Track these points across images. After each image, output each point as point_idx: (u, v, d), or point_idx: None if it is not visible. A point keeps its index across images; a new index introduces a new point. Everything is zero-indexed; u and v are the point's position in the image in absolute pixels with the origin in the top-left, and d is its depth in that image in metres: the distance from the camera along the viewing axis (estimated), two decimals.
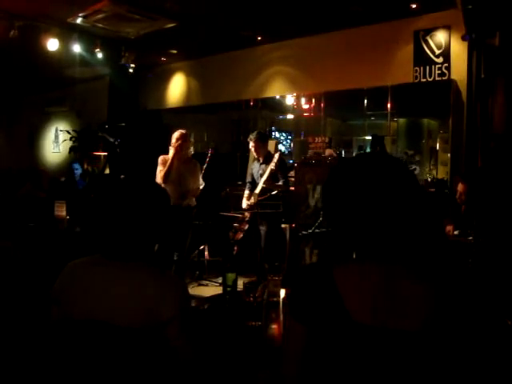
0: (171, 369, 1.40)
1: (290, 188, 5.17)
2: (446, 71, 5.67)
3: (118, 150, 8.15)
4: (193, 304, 2.25)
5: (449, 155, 5.87)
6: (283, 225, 5.17)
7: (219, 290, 2.39)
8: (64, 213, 4.47)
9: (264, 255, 4.88)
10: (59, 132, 10.58)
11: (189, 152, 4.85)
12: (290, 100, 7.79)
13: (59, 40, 6.66)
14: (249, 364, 1.71)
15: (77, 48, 6.96)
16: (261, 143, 5.11)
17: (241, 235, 5.02)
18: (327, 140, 7.05)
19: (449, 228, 4.01)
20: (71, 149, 9.19)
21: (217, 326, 2.06)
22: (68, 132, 9.39)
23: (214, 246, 5.62)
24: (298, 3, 5.59)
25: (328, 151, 6.66)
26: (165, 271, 1.51)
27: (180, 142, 4.55)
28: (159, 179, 4.49)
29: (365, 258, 1.05)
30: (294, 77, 7.14)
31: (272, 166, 4.70)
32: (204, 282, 5.20)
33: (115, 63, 7.80)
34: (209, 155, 5.37)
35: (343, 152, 7.71)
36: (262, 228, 4.98)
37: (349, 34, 6.42)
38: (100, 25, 6.52)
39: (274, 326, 1.78)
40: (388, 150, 6.81)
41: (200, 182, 4.89)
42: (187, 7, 5.88)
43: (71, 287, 1.44)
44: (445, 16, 5.60)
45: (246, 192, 5.19)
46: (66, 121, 10.53)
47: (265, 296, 1.87)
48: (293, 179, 5.38)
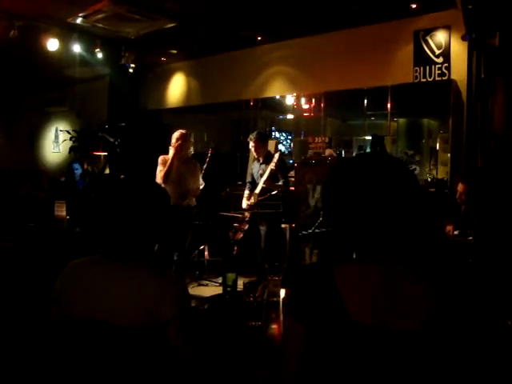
0: (171, 369, 1.40)
1: (290, 188, 5.17)
2: (446, 71, 5.67)
3: (118, 150, 8.15)
4: (193, 304, 2.25)
5: (449, 155, 5.87)
6: (283, 225, 5.17)
7: (219, 290, 2.39)
8: (64, 213, 4.47)
9: (264, 255, 4.87)
10: (59, 132, 10.58)
11: (189, 152, 4.86)
12: (290, 100, 7.79)
13: (59, 40, 6.66)
14: (249, 364, 1.71)
15: (77, 48, 6.96)
16: (261, 143, 5.11)
17: (241, 235, 5.02)
18: (327, 140, 7.06)
19: (449, 228, 4.01)
20: (71, 149, 9.19)
21: (217, 326, 2.06)
22: (68, 132, 9.39)
23: (214, 246, 5.62)
24: (298, 3, 5.59)
25: (328, 151, 6.67)
26: (165, 271, 1.51)
27: (180, 142, 4.55)
28: (159, 179, 4.48)
29: (365, 258, 1.05)
30: (294, 77, 7.14)
31: (272, 166, 4.70)
32: (204, 282, 5.20)
33: (115, 63, 7.80)
34: (209, 155, 5.37)
35: (343, 152, 7.71)
36: (262, 228, 4.98)
37: (349, 34, 6.42)
38: (100, 25, 6.52)
39: (274, 326, 1.78)
40: (388, 150, 6.81)
41: (200, 182, 4.89)
42: (187, 7, 5.88)
43: (71, 287, 1.44)
44: (445, 16, 5.60)
45: (246, 192, 5.19)
46: (66, 121, 10.53)
47: (265, 296, 1.87)
48: (293, 179, 5.38)
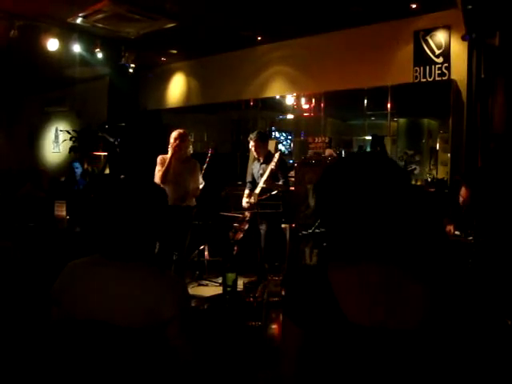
0: (171, 369, 1.40)
1: (290, 188, 5.17)
2: (446, 71, 5.67)
3: (118, 150, 8.15)
4: (193, 304, 2.25)
5: (449, 155, 5.87)
6: (283, 225, 5.17)
7: (219, 290, 2.39)
8: (64, 213, 4.47)
9: (264, 255, 4.87)
10: (59, 132, 10.58)
11: (188, 151, 4.84)
12: (290, 100, 7.79)
13: (59, 40, 6.66)
14: (249, 364, 1.71)
15: (77, 48, 6.96)
16: (261, 143, 5.11)
17: (241, 235, 5.02)
18: (327, 140, 7.06)
19: (449, 228, 4.01)
20: (71, 149, 9.19)
21: (217, 326, 2.06)
22: (68, 132, 9.38)
23: (214, 246, 5.62)
24: (298, 3, 5.59)
25: (328, 151, 6.67)
26: (165, 271, 1.51)
27: (178, 142, 4.53)
28: (157, 179, 4.47)
29: (361, 259, 1.04)
30: (294, 77, 7.14)
31: (272, 166, 4.70)
32: (204, 282, 5.20)
33: (115, 63, 7.80)
34: (209, 155, 5.36)
35: (343, 152, 7.70)
36: (262, 228, 4.97)
37: (349, 34, 6.42)
38: (100, 25, 6.52)
39: (274, 326, 1.78)
40: (388, 150, 6.81)
41: (200, 182, 4.88)
42: (187, 7, 5.88)
43: (71, 287, 1.44)
44: (445, 16, 5.60)
45: (246, 191, 5.18)
46: (66, 121, 10.53)
47: (265, 296, 1.87)
48: (293, 179, 5.38)
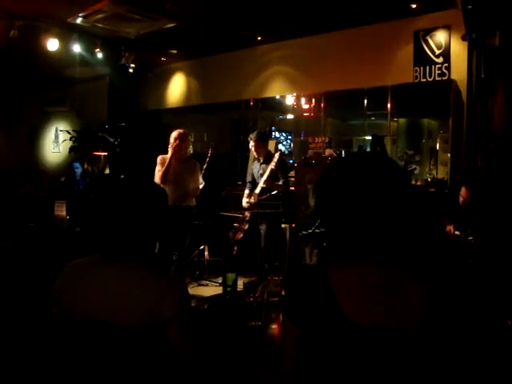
0: (171, 369, 1.40)
1: (290, 188, 5.17)
2: (446, 71, 5.67)
3: (118, 150, 8.15)
4: (193, 304, 2.25)
5: (449, 155, 5.87)
6: (283, 225, 5.16)
7: (219, 290, 2.39)
8: (64, 213, 4.47)
9: (264, 255, 4.87)
10: (59, 132, 10.58)
11: (188, 151, 4.83)
12: (290, 100, 7.79)
13: (59, 40, 6.66)
14: (249, 364, 1.71)
15: (77, 48, 6.96)
16: (261, 143, 5.11)
17: (241, 235, 5.02)
18: (327, 140, 7.06)
19: (449, 228, 4.01)
20: (71, 149, 9.19)
21: (217, 326, 2.06)
22: (68, 132, 9.38)
23: (214, 246, 5.62)
24: (298, 3, 5.59)
25: (328, 151, 6.67)
26: (165, 271, 1.51)
27: (178, 142, 4.52)
28: (157, 179, 4.46)
29: (361, 259, 1.04)
30: (294, 77, 7.14)
31: (272, 166, 4.70)
32: (204, 282, 5.20)
33: (115, 63, 7.80)
34: (209, 155, 5.36)
35: (343, 152, 7.70)
36: (262, 228, 4.97)
37: (349, 34, 6.42)
38: (100, 25, 6.52)
39: (274, 326, 1.78)
40: (388, 150, 6.81)
41: (200, 181, 4.88)
42: (187, 7, 5.88)
43: (71, 287, 1.44)
44: (445, 16, 5.60)
45: (246, 191, 5.19)
46: (66, 121, 10.53)
47: (265, 296, 1.87)
48: (293, 179, 5.38)
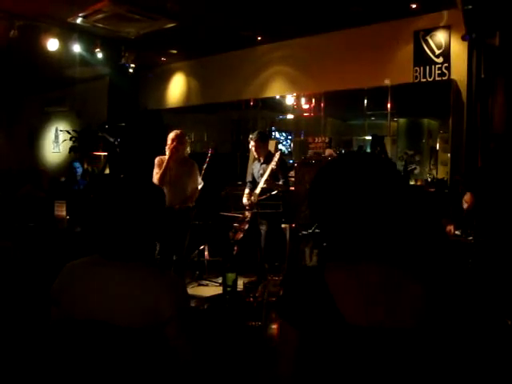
0: (171, 369, 1.40)
1: (290, 188, 5.17)
2: (446, 71, 5.67)
3: (118, 150, 8.15)
4: (193, 304, 2.26)
5: (449, 155, 5.87)
6: (283, 225, 5.16)
7: (219, 290, 2.40)
8: (64, 213, 4.47)
9: (264, 255, 4.87)
10: (59, 132, 10.57)
11: (185, 152, 4.80)
12: (290, 100, 7.78)
13: (59, 40, 6.66)
14: (249, 364, 1.71)
15: (77, 48, 6.97)
16: (261, 143, 5.11)
17: (241, 235, 5.01)
18: (327, 140, 7.05)
19: (449, 228, 4.01)
20: (71, 149, 9.19)
21: (217, 326, 2.06)
22: (68, 132, 9.38)
23: (214, 246, 5.61)
24: (298, 3, 5.58)
25: (328, 151, 6.66)
26: (164, 271, 1.51)
27: (175, 144, 4.50)
28: (155, 181, 4.44)
29: (360, 259, 1.03)
30: (294, 77, 7.14)
31: (273, 165, 4.70)
32: (204, 282, 5.20)
33: (115, 63, 7.81)
34: (209, 155, 5.35)
35: (343, 152, 7.70)
36: (262, 228, 4.97)
37: (349, 34, 6.42)
38: (100, 25, 6.52)
39: (274, 326, 1.78)
40: (388, 150, 6.80)
41: (199, 182, 4.87)
42: (187, 7, 5.88)
43: (70, 288, 1.44)
44: (445, 16, 5.60)
45: (247, 191, 5.18)
46: (66, 121, 10.52)
47: (265, 296, 1.87)
48: (293, 179, 5.38)
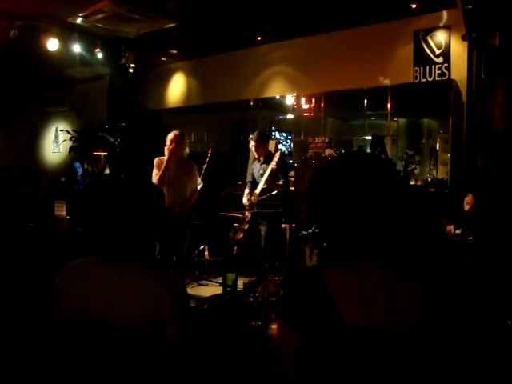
0: (171, 369, 1.40)
1: (290, 188, 5.17)
2: (446, 71, 5.67)
3: (118, 150, 8.15)
4: (193, 304, 2.26)
5: (449, 155, 5.87)
6: (283, 225, 5.16)
7: (219, 290, 2.40)
8: (64, 213, 4.47)
9: (264, 255, 4.87)
10: (59, 132, 10.57)
11: (185, 153, 4.79)
12: (290, 100, 7.79)
13: (59, 40, 6.67)
14: (249, 364, 1.71)
15: (77, 48, 6.97)
16: (262, 143, 5.11)
17: (241, 235, 5.01)
18: (327, 140, 7.04)
19: (449, 227, 4.01)
20: (71, 149, 9.18)
21: (217, 326, 2.06)
22: (68, 132, 9.38)
23: (214, 246, 5.61)
24: (298, 3, 5.58)
25: (328, 151, 6.64)
26: (164, 271, 1.52)
27: (174, 145, 4.50)
28: (154, 182, 4.42)
29: (360, 259, 1.03)
30: (294, 77, 7.14)
31: (273, 165, 4.70)
32: (204, 282, 5.19)
33: (115, 63, 7.81)
34: (209, 155, 5.35)
35: (343, 152, 7.70)
36: (262, 228, 4.97)
37: (349, 34, 6.42)
38: (100, 25, 6.52)
39: (274, 326, 1.78)
40: (388, 150, 6.80)
41: (198, 182, 4.87)
42: (187, 7, 5.88)
43: (70, 288, 1.44)
44: (445, 16, 5.61)
45: (247, 190, 5.18)
46: (66, 121, 10.52)
47: (265, 296, 1.87)
48: (293, 179, 5.38)
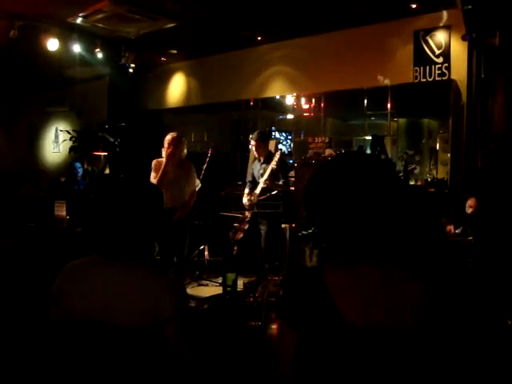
0: (171, 368, 1.40)
1: (290, 188, 5.16)
2: (446, 71, 5.67)
3: (118, 150, 8.15)
4: (193, 304, 2.26)
5: (449, 155, 5.87)
6: (283, 225, 5.16)
7: (219, 290, 2.40)
8: (64, 213, 4.47)
9: (264, 255, 4.87)
10: (59, 132, 10.57)
11: (183, 154, 4.79)
12: (290, 100, 7.79)
13: (59, 40, 6.67)
14: (249, 364, 1.71)
15: (77, 48, 6.97)
16: (262, 143, 5.11)
17: (241, 235, 5.01)
18: (327, 140, 7.04)
19: (449, 227, 4.01)
20: (71, 149, 9.18)
21: (217, 326, 2.06)
22: (68, 132, 9.38)
23: (214, 246, 5.61)
24: (298, 3, 5.59)
25: (328, 151, 6.65)
26: (163, 271, 1.52)
27: (171, 149, 4.49)
28: None
29: (360, 259, 1.03)
30: (294, 77, 7.14)
31: (273, 165, 4.69)
32: (204, 282, 5.19)
33: (115, 63, 7.81)
34: (209, 155, 5.35)
35: (343, 152, 7.70)
36: (262, 228, 4.97)
37: (349, 34, 6.42)
38: (100, 25, 6.52)
39: (274, 326, 1.78)
40: (388, 150, 6.81)
41: (196, 183, 4.87)
42: (187, 7, 5.88)
43: (70, 288, 1.44)
44: (445, 16, 5.61)
45: (246, 190, 5.18)
46: (66, 121, 10.52)
47: (265, 296, 1.87)
48: (293, 179, 5.38)
